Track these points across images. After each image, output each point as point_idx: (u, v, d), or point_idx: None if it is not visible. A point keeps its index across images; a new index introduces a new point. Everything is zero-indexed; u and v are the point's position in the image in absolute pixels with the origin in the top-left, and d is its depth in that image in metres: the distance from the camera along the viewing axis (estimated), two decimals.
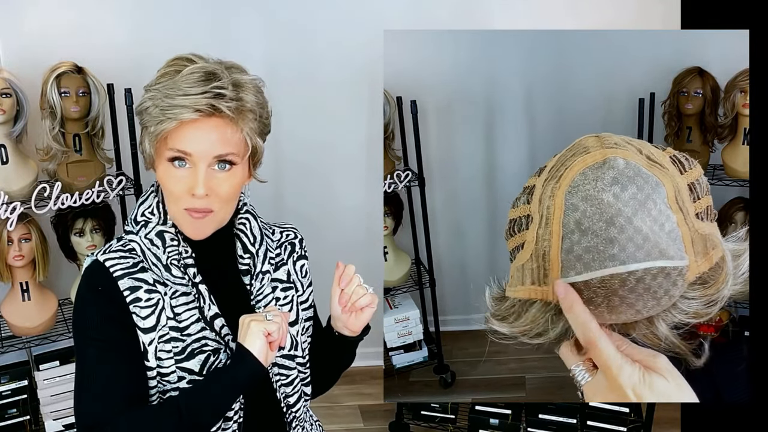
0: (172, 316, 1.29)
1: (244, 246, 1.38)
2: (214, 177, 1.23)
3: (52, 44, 2.50)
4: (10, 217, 2.26)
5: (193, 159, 1.21)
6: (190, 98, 1.18)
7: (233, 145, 1.23)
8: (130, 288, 1.27)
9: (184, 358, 1.29)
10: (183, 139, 1.20)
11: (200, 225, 1.26)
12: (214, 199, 1.24)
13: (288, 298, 1.43)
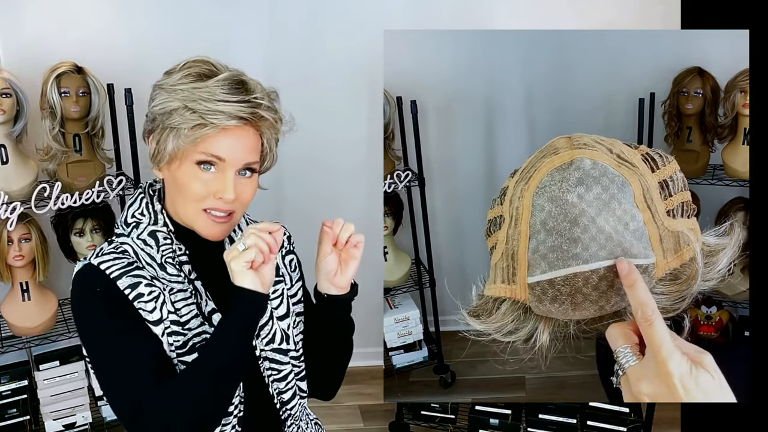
0: (173, 310, 1.29)
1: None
2: (240, 182, 1.26)
3: (52, 44, 2.50)
4: (10, 217, 2.26)
5: (224, 165, 1.23)
6: (231, 105, 1.20)
7: (257, 154, 1.28)
8: (130, 286, 1.26)
9: (185, 351, 1.29)
10: (219, 144, 1.22)
11: (222, 227, 1.28)
12: (238, 203, 1.27)
13: (278, 291, 1.43)
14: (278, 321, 1.41)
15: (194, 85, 1.22)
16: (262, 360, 1.39)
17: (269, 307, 1.39)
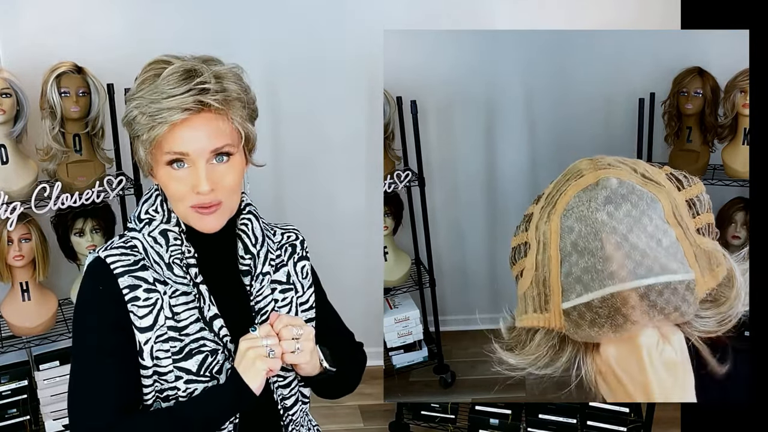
0: (170, 315, 1.29)
1: (245, 247, 1.36)
2: (216, 170, 1.23)
3: (52, 44, 2.49)
4: (10, 217, 2.26)
5: (192, 158, 1.21)
6: (175, 99, 1.17)
7: (227, 137, 1.23)
8: (129, 286, 1.27)
9: (182, 357, 1.29)
10: (177, 140, 1.20)
11: (211, 219, 1.26)
12: (220, 192, 1.24)
13: (287, 299, 1.43)
14: None
15: (148, 89, 1.21)
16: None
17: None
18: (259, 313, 1.38)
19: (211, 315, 1.31)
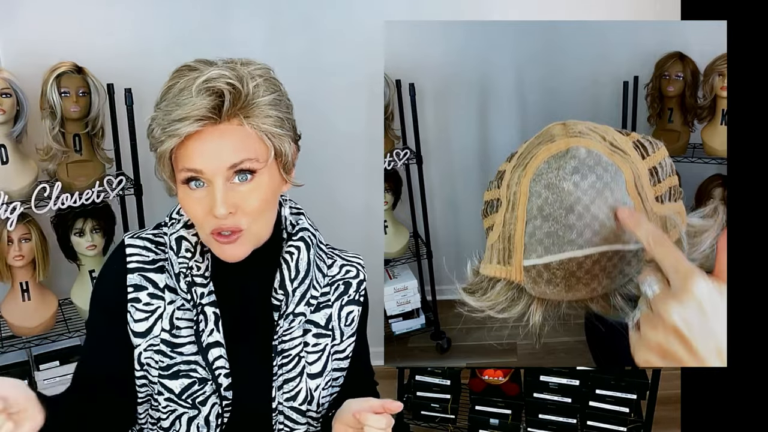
0: (169, 328, 1.16)
1: (281, 280, 1.18)
2: (236, 191, 1.04)
3: (52, 44, 2.42)
4: (10, 217, 2.20)
5: (207, 176, 1.02)
6: (187, 108, 0.99)
7: (249, 150, 1.03)
8: (134, 285, 1.16)
9: (167, 375, 1.16)
10: (190, 156, 1.02)
11: (232, 248, 1.07)
12: (241, 216, 1.05)
13: (319, 346, 1.23)
14: (308, 378, 1.22)
15: (167, 99, 1.03)
16: (277, 413, 1.22)
17: (302, 361, 1.22)
18: (280, 354, 1.20)
19: (210, 342, 1.15)
